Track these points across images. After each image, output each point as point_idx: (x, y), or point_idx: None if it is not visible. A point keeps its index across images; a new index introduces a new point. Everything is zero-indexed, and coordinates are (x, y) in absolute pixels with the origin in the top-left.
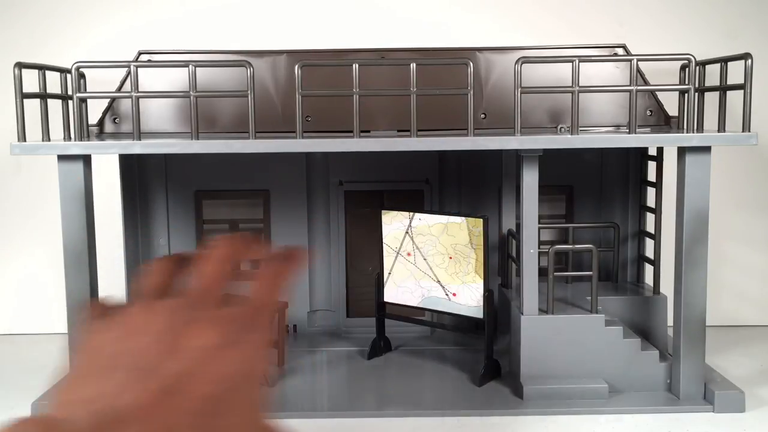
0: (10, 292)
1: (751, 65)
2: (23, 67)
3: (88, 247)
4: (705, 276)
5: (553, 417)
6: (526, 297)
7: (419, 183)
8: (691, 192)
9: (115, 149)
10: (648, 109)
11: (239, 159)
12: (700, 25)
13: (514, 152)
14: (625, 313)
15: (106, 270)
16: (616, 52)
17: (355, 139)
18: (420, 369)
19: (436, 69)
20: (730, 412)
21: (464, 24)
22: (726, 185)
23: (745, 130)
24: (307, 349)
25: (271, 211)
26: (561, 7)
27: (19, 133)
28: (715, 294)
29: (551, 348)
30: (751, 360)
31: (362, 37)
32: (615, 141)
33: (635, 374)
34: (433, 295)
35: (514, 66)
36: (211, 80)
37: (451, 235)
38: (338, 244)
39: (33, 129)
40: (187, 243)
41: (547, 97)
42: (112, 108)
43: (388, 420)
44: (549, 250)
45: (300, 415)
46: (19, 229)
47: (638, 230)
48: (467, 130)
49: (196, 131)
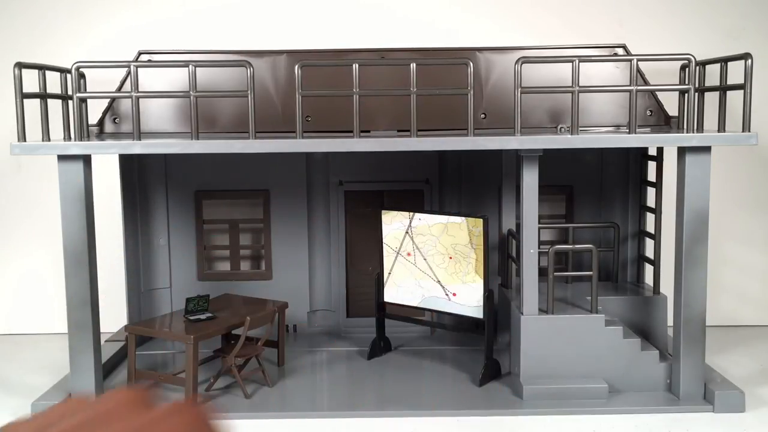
0: (9, 292)
1: (751, 65)
2: (23, 67)
3: (88, 247)
4: (705, 276)
5: (553, 417)
6: (526, 297)
7: (419, 183)
8: (691, 192)
9: (115, 149)
10: (648, 109)
11: (239, 159)
12: (700, 25)
13: (514, 152)
14: (625, 313)
15: (106, 270)
16: (616, 52)
17: (355, 139)
18: (420, 369)
19: (436, 69)
20: (730, 412)
21: (464, 24)
22: (726, 185)
23: (745, 130)
24: (307, 349)
25: (271, 211)
26: (561, 7)
27: (19, 133)
28: (715, 294)
29: (551, 348)
30: (751, 360)
31: (362, 37)
32: (615, 141)
33: (635, 374)
34: (433, 295)
35: (514, 66)
36: (211, 80)
37: (451, 235)
38: (338, 244)
39: (33, 129)
40: (187, 243)
41: (547, 97)
42: (112, 108)
43: (388, 420)
44: (549, 250)
45: (300, 415)
46: (19, 229)
47: (638, 230)
48: (467, 130)
49: (196, 131)
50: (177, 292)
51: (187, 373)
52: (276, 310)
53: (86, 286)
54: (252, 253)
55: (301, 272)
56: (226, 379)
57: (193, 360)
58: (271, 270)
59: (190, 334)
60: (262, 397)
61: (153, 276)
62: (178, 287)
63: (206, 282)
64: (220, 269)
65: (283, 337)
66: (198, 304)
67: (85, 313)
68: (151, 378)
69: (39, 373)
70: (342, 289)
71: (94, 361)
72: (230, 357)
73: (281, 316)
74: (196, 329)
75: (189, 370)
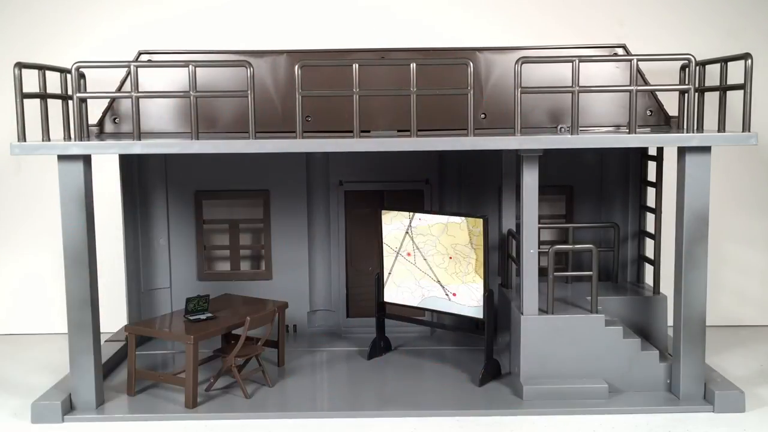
0: (9, 292)
1: (751, 65)
2: (23, 67)
3: (88, 247)
4: (705, 276)
5: (553, 417)
6: (526, 297)
7: (419, 183)
8: (691, 192)
9: (115, 149)
10: (648, 109)
11: (239, 159)
12: (700, 25)
13: (514, 152)
14: (625, 313)
15: (106, 270)
16: (616, 52)
17: (355, 139)
18: (420, 369)
19: (436, 69)
20: (730, 412)
21: (464, 24)
22: (726, 185)
23: (745, 130)
24: (307, 349)
25: (271, 211)
26: (561, 7)
27: (19, 133)
28: (715, 294)
29: (551, 348)
30: (751, 360)
31: (362, 37)
32: (615, 141)
33: (635, 374)
34: (433, 295)
35: (514, 66)
36: (211, 80)
37: (451, 235)
38: (338, 244)
39: (33, 129)
40: (187, 243)
41: (547, 97)
42: (112, 108)
43: (388, 420)
44: (549, 250)
45: (300, 415)
46: (19, 229)
47: (638, 230)
48: (467, 130)
49: (196, 131)
50: (177, 292)
51: (187, 373)
52: (276, 310)
53: (86, 286)
54: (252, 253)
55: (301, 272)
56: (226, 379)
57: (193, 360)
58: (271, 270)
59: (190, 334)
60: (262, 397)
61: (153, 276)
62: (178, 287)
63: (206, 282)
64: (220, 269)
65: (283, 337)
66: (198, 304)
67: (85, 313)
68: (151, 378)
69: (39, 373)
70: (342, 289)
71: (94, 361)
72: (230, 357)
73: (281, 316)
74: (196, 329)
75: (189, 370)
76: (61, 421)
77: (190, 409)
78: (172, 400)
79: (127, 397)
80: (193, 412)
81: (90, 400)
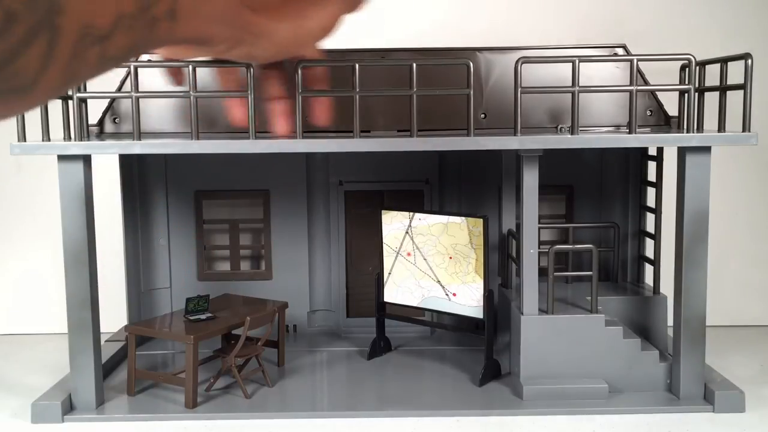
0: (9, 292)
1: (751, 65)
2: None
3: (88, 246)
4: (705, 276)
5: (553, 417)
6: (526, 297)
7: (419, 183)
8: (691, 192)
9: (115, 149)
10: (648, 109)
11: (239, 159)
12: (700, 25)
13: (514, 152)
14: (625, 313)
15: (106, 270)
16: (616, 52)
17: (355, 139)
18: (420, 369)
19: (436, 69)
20: (730, 412)
21: (464, 24)
22: (726, 185)
23: (745, 130)
24: (307, 349)
25: (271, 211)
26: (561, 6)
27: (19, 133)
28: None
29: (551, 348)
30: (751, 360)
31: (362, 37)
32: (615, 141)
33: (635, 374)
34: (433, 295)
35: (514, 66)
36: (211, 80)
37: (451, 235)
38: (338, 244)
39: (33, 129)
40: (187, 243)
41: (547, 97)
42: (112, 108)
43: (388, 420)
44: (549, 250)
45: (300, 415)
46: (19, 229)
47: (638, 230)
48: (467, 130)
49: (196, 131)
50: (177, 292)
51: (187, 373)
52: (276, 310)
53: (86, 286)
54: (252, 253)
55: (301, 272)
56: (226, 379)
57: (193, 360)
58: (271, 270)
59: (190, 334)
60: (262, 397)
61: (153, 276)
62: (178, 287)
63: (206, 282)
64: (220, 269)
65: (283, 337)
66: (198, 304)
67: (85, 313)
68: (151, 378)
69: (39, 373)
70: (342, 289)
71: (94, 361)
72: (230, 357)
73: (281, 316)
74: (196, 329)
75: (189, 370)
76: (61, 421)
77: (190, 409)
78: (172, 400)
79: (127, 397)
80: (193, 412)
81: (90, 400)
